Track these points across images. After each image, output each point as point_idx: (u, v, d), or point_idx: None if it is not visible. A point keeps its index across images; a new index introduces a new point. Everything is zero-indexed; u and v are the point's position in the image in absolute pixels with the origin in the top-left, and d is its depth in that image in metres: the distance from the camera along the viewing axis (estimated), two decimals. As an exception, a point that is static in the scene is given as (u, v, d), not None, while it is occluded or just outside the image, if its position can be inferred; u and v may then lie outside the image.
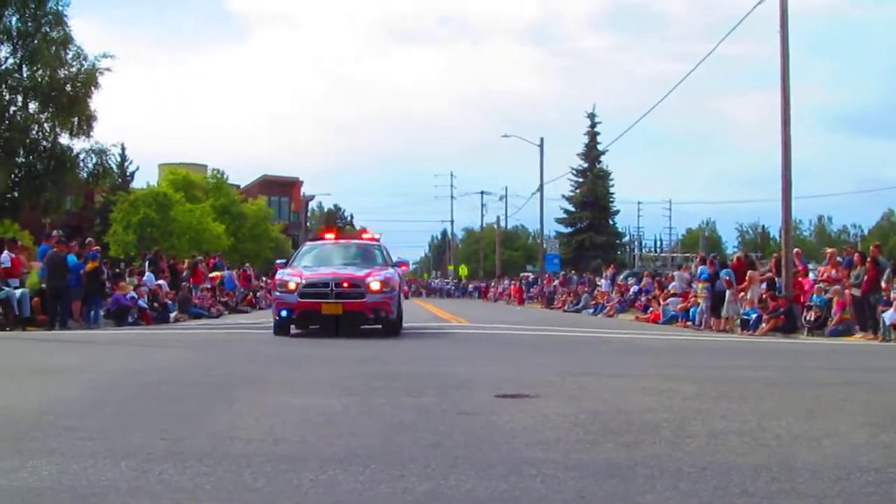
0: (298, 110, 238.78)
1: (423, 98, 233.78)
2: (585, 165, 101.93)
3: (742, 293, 31.91)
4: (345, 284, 21.59)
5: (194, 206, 71.04)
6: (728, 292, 31.89)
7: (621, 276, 57.00)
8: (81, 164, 44.43)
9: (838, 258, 30.96)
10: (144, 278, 35.52)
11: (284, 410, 8.68)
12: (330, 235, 27.65)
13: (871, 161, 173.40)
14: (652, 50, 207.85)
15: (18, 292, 25.78)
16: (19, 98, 43.08)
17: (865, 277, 26.27)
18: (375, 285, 21.61)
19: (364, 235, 27.59)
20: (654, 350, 20.82)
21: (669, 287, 41.02)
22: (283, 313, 21.74)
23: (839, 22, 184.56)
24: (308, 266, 23.37)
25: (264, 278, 62.00)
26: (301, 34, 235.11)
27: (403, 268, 26.66)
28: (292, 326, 22.34)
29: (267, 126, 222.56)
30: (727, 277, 32.60)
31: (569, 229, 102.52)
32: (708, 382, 11.89)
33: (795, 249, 33.41)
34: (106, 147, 45.28)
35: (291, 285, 21.75)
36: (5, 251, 27.49)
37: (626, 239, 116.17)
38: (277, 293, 22.41)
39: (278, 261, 27.27)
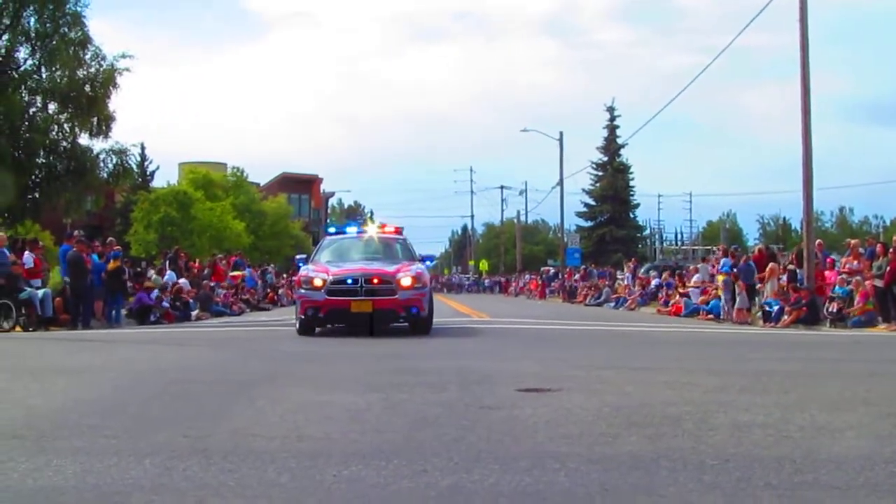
0: (317, 108, 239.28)
1: (441, 94, 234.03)
2: (605, 159, 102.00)
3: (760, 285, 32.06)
4: (375, 281, 20.57)
5: (214, 204, 71.21)
6: (735, 285, 32.11)
7: (642, 270, 56.96)
8: (101, 164, 44.47)
9: (860, 249, 30.89)
10: (165, 277, 35.66)
11: (307, 407, 8.69)
12: (351, 229, 25.68)
13: (893, 151, 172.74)
14: (670, 42, 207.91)
15: (41, 292, 25.89)
16: (38, 99, 43.13)
17: (888, 268, 26.17)
18: (406, 281, 20.63)
19: (385, 229, 25.41)
20: (676, 343, 20.77)
21: (693, 279, 41.12)
22: (310, 312, 20.69)
23: (856, 11, 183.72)
24: (331, 261, 22.34)
25: (284, 275, 62.16)
26: (318, 32, 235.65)
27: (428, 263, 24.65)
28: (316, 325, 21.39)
29: (286, 124, 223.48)
30: (733, 271, 32.86)
31: (589, 223, 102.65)
32: (730, 375, 11.89)
33: (817, 241, 33.34)
34: (126, 147, 45.32)
35: (317, 282, 20.61)
36: (27, 252, 27.61)
37: (647, 232, 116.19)
38: (302, 291, 21.11)
39: (298, 256, 25.92)
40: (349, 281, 20.59)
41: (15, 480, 5.63)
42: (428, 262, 24.27)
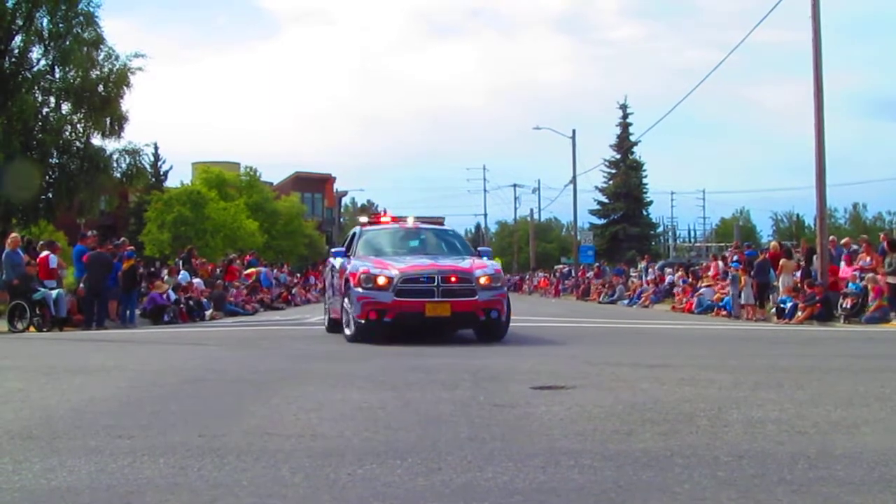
0: (330, 106, 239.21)
1: (455, 91, 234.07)
2: (618, 156, 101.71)
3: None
4: (453, 279, 17.80)
5: (228, 203, 71.37)
6: (741, 280, 32.30)
7: (656, 267, 56.96)
8: (115, 164, 44.58)
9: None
10: (179, 277, 35.72)
11: (321, 406, 8.70)
12: (386, 219, 22.76)
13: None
14: (684, 39, 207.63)
15: (55, 293, 25.93)
16: (52, 99, 43.20)
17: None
18: (485, 280, 18.01)
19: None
20: (690, 340, 20.74)
21: (707, 273, 41.27)
22: (373, 316, 17.65)
23: (870, 5, 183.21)
24: (381, 255, 19.50)
25: (298, 275, 62.21)
26: (332, 30, 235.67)
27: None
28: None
29: (299, 123, 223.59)
30: (737, 267, 33.07)
31: (602, 221, 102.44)
32: (744, 371, 11.87)
33: (830, 237, 33.30)
34: (139, 147, 45.40)
35: (382, 280, 17.65)
36: (49, 253, 27.66)
37: (660, 229, 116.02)
38: (361, 290, 17.82)
39: (335, 249, 22.06)
40: (423, 279, 17.79)
41: (29, 480, 5.65)
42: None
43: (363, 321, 17.79)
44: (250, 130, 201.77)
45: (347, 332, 18.53)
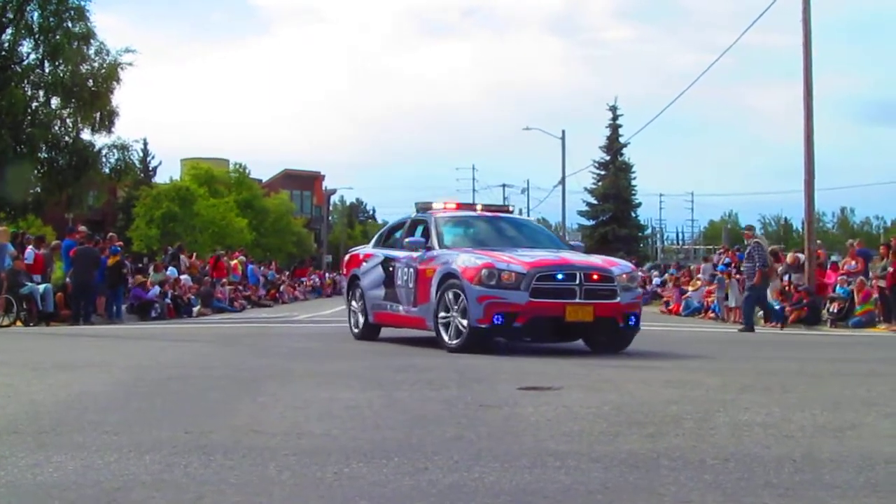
0: (320, 104, 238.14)
1: (445, 91, 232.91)
2: (607, 158, 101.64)
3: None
4: (594, 277, 14.99)
5: (217, 200, 71.32)
6: (727, 281, 32.40)
7: (644, 269, 57.00)
8: (104, 159, 44.63)
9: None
10: (167, 272, 35.71)
11: (308, 404, 8.69)
12: (451, 206, 18.84)
13: (895, 151, 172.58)
14: (676, 41, 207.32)
15: (42, 287, 25.89)
16: (41, 94, 43.23)
17: (891, 270, 26.10)
18: (625, 279, 15.33)
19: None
20: (678, 342, 20.76)
21: (698, 276, 41.33)
22: (499, 320, 14.54)
23: (862, 9, 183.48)
24: (484, 247, 16.12)
25: (286, 272, 62.17)
26: (324, 28, 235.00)
27: None
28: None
29: (288, 120, 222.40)
30: (723, 270, 33.19)
31: (591, 222, 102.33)
32: (731, 374, 11.90)
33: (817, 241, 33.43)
34: (128, 142, 45.45)
35: (507, 276, 14.57)
36: (30, 247, 27.63)
37: (649, 231, 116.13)
38: (482, 289, 14.56)
39: (410, 239, 17.39)
40: (561, 276, 14.87)
41: (15, 476, 5.62)
42: None
43: (486, 325, 14.64)
44: (240, 127, 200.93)
45: (450, 341, 15.27)
